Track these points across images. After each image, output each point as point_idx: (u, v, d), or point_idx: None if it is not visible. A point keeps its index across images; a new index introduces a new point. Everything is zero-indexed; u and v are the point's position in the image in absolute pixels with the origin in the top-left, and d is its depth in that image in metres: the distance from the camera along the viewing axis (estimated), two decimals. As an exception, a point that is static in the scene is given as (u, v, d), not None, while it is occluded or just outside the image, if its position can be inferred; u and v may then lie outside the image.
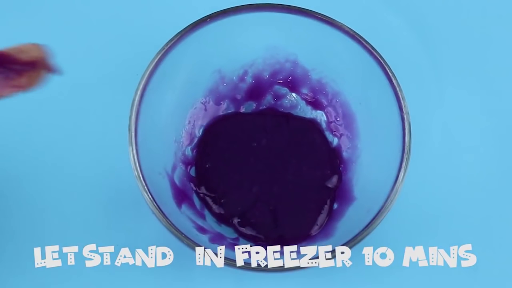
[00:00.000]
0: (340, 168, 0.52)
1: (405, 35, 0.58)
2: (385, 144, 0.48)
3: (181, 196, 0.51)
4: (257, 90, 0.54)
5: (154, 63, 0.47)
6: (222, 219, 0.51)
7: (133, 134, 0.46)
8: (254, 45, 0.52)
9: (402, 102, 0.47)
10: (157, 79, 0.48)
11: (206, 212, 0.52)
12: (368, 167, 0.51)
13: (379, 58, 0.48)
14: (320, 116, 0.54)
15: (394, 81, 0.47)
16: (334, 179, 0.52)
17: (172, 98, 0.50)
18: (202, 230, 0.49)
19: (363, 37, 0.48)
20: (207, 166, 0.52)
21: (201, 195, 0.52)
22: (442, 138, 0.55)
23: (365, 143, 0.51)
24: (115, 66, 0.56)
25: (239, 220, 0.51)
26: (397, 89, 0.47)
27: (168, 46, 0.48)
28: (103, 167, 0.53)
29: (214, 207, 0.51)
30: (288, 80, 0.54)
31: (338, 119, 0.53)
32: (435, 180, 0.54)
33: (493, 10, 0.59)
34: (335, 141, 0.53)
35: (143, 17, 0.57)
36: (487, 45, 0.58)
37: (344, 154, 0.53)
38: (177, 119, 0.52)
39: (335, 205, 0.52)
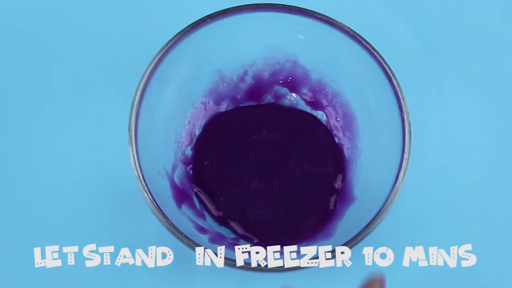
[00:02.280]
0: (344, 165, 0.52)
1: (405, 35, 0.58)
2: (385, 144, 0.48)
3: (181, 196, 0.50)
4: (257, 90, 0.54)
5: (154, 63, 0.47)
6: (220, 221, 0.51)
7: (133, 134, 0.46)
8: (254, 45, 0.52)
9: (402, 102, 0.47)
10: (157, 79, 0.48)
11: (206, 212, 0.52)
12: (368, 167, 0.51)
13: (379, 58, 0.48)
14: (320, 116, 0.54)
15: (394, 81, 0.47)
16: (338, 177, 0.52)
17: (172, 98, 0.50)
18: (202, 230, 0.49)
19: (363, 37, 0.48)
20: (205, 163, 0.52)
21: (200, 196, 0.52)
22: (442, 138, 0.55)
23: (365, 143, 0.51)
24: (115, 66, 0.56)
25: (238, 220, 0.51)
26: (397, 89, 0.47)
27: (168, 46, 0.48)
28: (103, 167, 0.53)
29: (213, 208, 0.51)
30: (288, 80, 0.54)
31: (338, 119, 0.53)
32: (435, 180, 0.54)
33: (493, 10, 0.59)
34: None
35: (143, 17, 0.57)
36: (487, 45, 0.58)
37: (344, 154, 0.53)
38: (177, 119, 0.52)
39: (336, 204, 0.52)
